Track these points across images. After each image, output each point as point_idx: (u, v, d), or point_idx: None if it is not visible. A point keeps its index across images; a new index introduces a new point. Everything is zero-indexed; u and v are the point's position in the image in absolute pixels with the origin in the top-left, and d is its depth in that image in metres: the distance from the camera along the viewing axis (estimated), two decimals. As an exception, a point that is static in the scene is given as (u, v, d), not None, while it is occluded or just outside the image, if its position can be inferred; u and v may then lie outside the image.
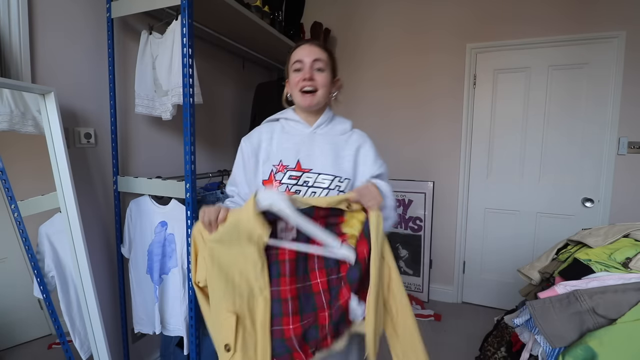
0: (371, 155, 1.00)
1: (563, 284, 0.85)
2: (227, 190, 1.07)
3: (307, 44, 0.97)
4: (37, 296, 1.16)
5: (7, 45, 1.17)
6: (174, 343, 1.66)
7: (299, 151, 0.96)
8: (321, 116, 1.01)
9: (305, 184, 0.93)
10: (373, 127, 2.79)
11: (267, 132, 1.02)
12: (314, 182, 0.93)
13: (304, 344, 0.81)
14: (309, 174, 0.93)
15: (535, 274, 1.24)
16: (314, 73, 0.94)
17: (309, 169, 0.94)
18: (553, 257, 1.26)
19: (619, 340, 0.66)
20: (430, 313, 2.42)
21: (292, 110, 1.04)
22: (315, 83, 0.94)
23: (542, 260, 1.27)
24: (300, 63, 0.94)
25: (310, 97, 0.95)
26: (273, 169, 0.95)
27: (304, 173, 0.93)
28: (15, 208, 1.09)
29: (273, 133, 1.01)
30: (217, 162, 2.24)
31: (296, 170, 0.94)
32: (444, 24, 2.53)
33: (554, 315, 0.76)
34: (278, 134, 1.00)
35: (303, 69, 0.94)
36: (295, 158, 0.95)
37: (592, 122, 2.25)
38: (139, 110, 1.51)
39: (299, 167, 0.94)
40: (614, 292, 0.73)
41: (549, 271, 1.18)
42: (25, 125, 1.18)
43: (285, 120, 1.03)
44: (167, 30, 1.43)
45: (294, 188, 0.92)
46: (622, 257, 0.93)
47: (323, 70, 0.95)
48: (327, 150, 0.96)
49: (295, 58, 0.95)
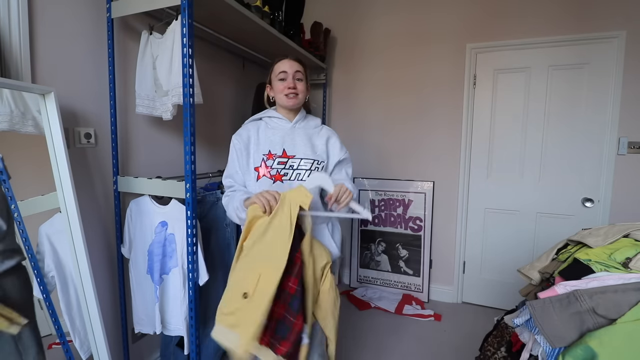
0: (337, 144, 1.31)
1: (563, 284, 0.85)
2: (224, 182, 1.27)
3: (288, 59, 1.24)
4: (37, 296, 1.16)
5: (7, 45, 1.17)
6: (174, 343, 1.66)
7: (283, 142, 1.22)
8: (298, 114, 1.29)
9: (290, 167, 1.19)
10: (373, 126, 2.80)
11: (253, 128, 1.26)
12: (298, 165, 1.20)
13: (273, 333, 0.96)
14: (293, 159, 1.20)
15: (535, 274, 1.24)
16: (295, 82, 1.23)
17: (292, 155, 1.21)
18: (553, 257, 1.26)
19: (619, 340, 0.66)
20: (430, 313, 2.42)
21: (273, 110, 1.29)
22: (296, 90, 1.23)
23: (542, 260, 1.27)
24: (285, 74, 1.22)
25: (294, 99, 1.23)
26: (263, 157, 1.19)
27: (289, 159, 1.20)
28: (15, 208, 1.09)
29: (259, 129, 1.26)
30: (217, 162, 2.23)
31: (282, 157, 1.20)
32: (443, 24, 2.53)
33: (554, 315, 0.76)
34: (263, 129, 1.25)
35: (287, 79, 1.22)
36: (281, 147, 1.21)
37: (592, 122, 2.25)
38: (140, 110, 1.51)
39: (285, 154, 1.20)
40: (614, 292, 0.73)
41: (549, 271, 1.18)
42: (25, 125, 1.17)
43: (268, 118, 1.28)
44: (167, 30, 1.43)
45: (282, 171, 1.18)
46: (622, 257, 0.92)
47: (301, 80, 1.24)
48: (306, 140, 1.24)
49: (281, 69, 1.22)
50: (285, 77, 1.22)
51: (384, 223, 2.80)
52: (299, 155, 1.21)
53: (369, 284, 2.85)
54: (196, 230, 1.35)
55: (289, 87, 1.21)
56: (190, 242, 1.34)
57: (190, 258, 1.35)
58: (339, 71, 2.89)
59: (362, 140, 2.82)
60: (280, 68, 1.23)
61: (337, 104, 2.93)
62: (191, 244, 1.34)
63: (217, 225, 1.68)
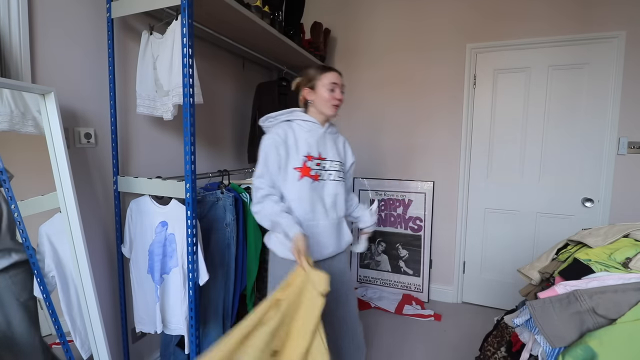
0: (350, 149, 1.49)
1: (563, 284, 0.85)
2: (256, 182, 1.28)
3: (336, 72, 1.33)
4: (37, 296, 1.16)
5: (7, 45, 1.17)
6: (174, 343, 1.67)
7: (318, 145, 1.32)
8: (329, 120, 1.39)
9: (323, 168, 1.32)
10: (373, 126, 2.80)
11: (289, 129, 1.31)
12: (329, 167, 1.33)
13: None
14: (325, 161, 1.33)
15: (535, 273, 1.24)
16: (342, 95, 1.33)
17: (324, 157, 1.33)
18: (553, 257, 1.26)
19: (619, 340, 0.66)
20: (430, 313, 2.42)
21: (301, 112, 1.36)
22: (342, 101, 1.33)
23: (542, 260, 1.27)
24: (335, 85, 1.31)
25: (336, 109, 1.33)
26: (304, 158, 1.28)
27: (322, 161, 1.32)
28: (15, 208, 1.09)
29: (294, 131, 1.31)
30: (217, 162, 2.24)
31: (319, 158, 1.31)
32: (444, 24, 2.53)
33: (554, 316, 0.76)
34: (299, 131, 1.32)
35: (336, 90, 1.31)
36: (316, 150, 1.31)
37: (592, 122, 2.25)
38: (141, 110, 1.50)
39: (320, 156, 1.32)
40: (614, 292, 0.73)
41: (549, 271, 1.18)
42: (26, 126, 1.18)
43: (302, 121, 1.34)
44: (167, 30, 1.43)
45: (318, 172, 1.30)
46: (622, 257, 0.92)
47: (343, 93, 1.34)
48: (332, 144, 1.38)
49: (332, 80, 1.30)
50: (334, 89, 1.30)
51: (384, 223, 2.80)
52: (329, 158, 1.34)
53: (369, 284, 2.85)
54: (196, 230, 1.35)
55: (338, 98, 1.31)
56: (190, 242, 1.34)
57: (191, 258, 1.35)
58: (339, 71, 2.89)
59: (362, 140, 2.82)
60: (331, 79, 1.30)
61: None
62: (191, 244, 1.34)
63: (217, 225, 1.68)
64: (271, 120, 1.36)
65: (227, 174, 1.87)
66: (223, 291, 1.70)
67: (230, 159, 2.33)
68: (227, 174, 1.87)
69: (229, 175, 1.88)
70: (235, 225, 1.71)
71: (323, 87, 1.30)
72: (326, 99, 1.30)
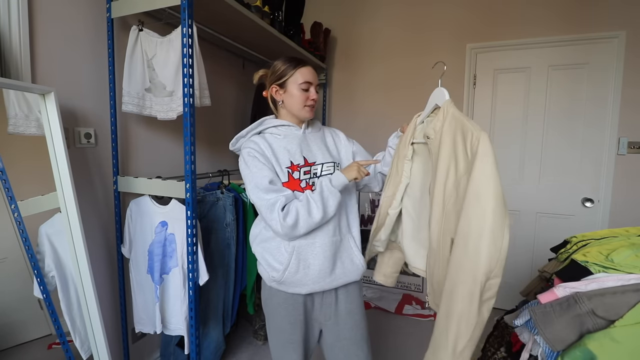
0: (342, 137, 1.28)
1: (562, 286, 0.85)
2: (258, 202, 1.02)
3: (310, 68, 1.12)
4: (37, 296, 1.16)
5: (7, 45, 1.17)
6: (174, 343, 1.67)
7: (302, 150, 1.11)
8: None
9: (315, 174, 1.10)
10: (373, 126, 2.79)
11: (261, 141, 1.10)
12: (321, 171, 1.11)
13: None
14: (315, 166, 1.11)
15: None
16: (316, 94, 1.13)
17: (313, 162, 1.11)
18: (553, 257, 1.25)
19: (617, 342, 0.66)
20: (430, 313, 2.42)
21: (273, 119, 1.17)
22: (316, 101, 1.14)
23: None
24: (308, 84, 1.10)
25: (312, 111, 1.14)
26: (288, 171, 1.06)
27: (311, 166, 1.10)
28: (15, 208, 1.09)
29: (268, 142, 1.10)
30: (217, 162, 2.24)
31: (306, 165, 1.09)
32: (443, 24, 2.52)
33: (554, 320, 0.76)
34: (274, 142, 1.10)
35: (310, 90, 1.11)
36: (301, 156, 1.10)
37: (592, 122, 2.25)
38: (128, 108, 1.45)
39: (307, 163, 1.10)
40: (613, 293, 0.73)
41: (549, 271, 1.18)
42: (29, 127, 1.18)
43: (274, 127, 1.13)
44: (173, 31, 1.41)
45: (310, 180, 1.08)
46: (620, 257, 0.92)
47: (317, 92, 1.14)
48: (319, 144, 1.17)
49: (306, 79, 1.09)
50: (308, 88, 1.10)
51: (384, 223, 2.80)
52: (319, 161, 1.12)
53: (369, 284, 2.86)
54: (196, 230, 1.35)
55: (312, 98, 1.11)
56: (190, 242, 1.34)
57: (190, 258, 1.35)
58: (339, 71, 2.89)
59: (362, 140, 2.80)
60: (305, 77, 1.09)
61: (337, 104, 2.92)
62: (191, 244, 1.34)
63: (217, 225, 1.69)
64: (241, 139, 1.14)
65: (227, 174, 1.87)
66: (223, 291, 1.70)
67: (230, 159, 2.33)
68: (227, 174, 1.88)
69: (229, 175, 1.88)
70: (235, 225, 1.71)
71: (294, 86, 1.09)
72: (299, 99, 1.10)
